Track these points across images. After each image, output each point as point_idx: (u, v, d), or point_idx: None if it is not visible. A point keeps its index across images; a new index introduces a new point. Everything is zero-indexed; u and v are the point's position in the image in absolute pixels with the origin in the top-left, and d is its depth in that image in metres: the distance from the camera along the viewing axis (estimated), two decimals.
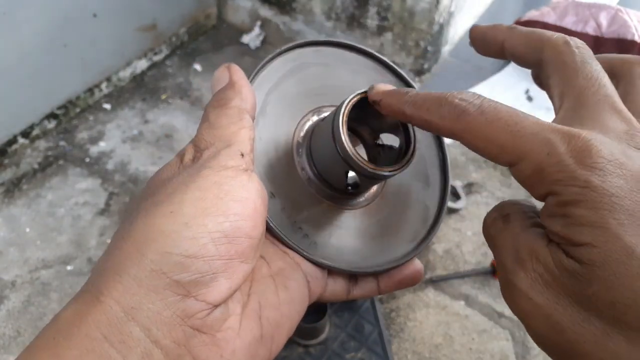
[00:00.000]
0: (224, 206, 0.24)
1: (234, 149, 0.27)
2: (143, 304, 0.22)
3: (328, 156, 0.31)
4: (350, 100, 0.30)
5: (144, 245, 0.23)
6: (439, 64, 1.48)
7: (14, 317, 0.94)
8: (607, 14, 1.35)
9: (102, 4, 1.25)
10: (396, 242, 0.34)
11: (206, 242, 0.23)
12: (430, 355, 0.95)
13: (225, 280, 0.24)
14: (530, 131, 0.22)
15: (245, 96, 0.29)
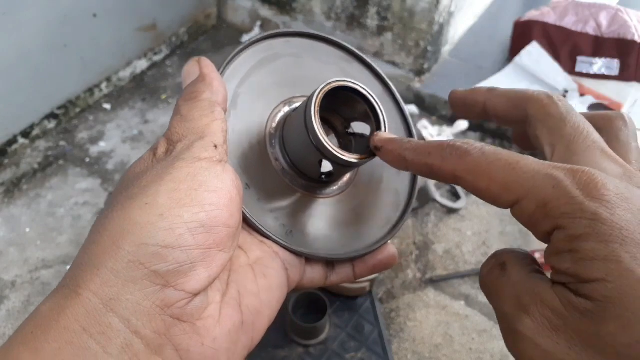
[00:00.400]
0: (199, 197, 0.25)
1: (207, 141, 0.27)
2: (121, 295, 0.22)
3: (301, 146, 0.31)
4: (321, 89, 0.30)
5: (120, 237, 0.23)
6: (439, 64, 1.48)
7: (14, 317, 0.94)
8: (607, 14, 1.35)
9: (102, 4, 1.25)
10: (370, 228, 0.35)
11: (183, 232, 0.24)
12: (430, 355, 0.95)
13: (203, 270, 0.24)
14: (532, 168, 0.22)
15: (216, 89, 0.30)
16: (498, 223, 1.16)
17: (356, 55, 0.38)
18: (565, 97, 1.39)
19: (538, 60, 1.42)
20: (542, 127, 0.26)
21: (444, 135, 1.34)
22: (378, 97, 0.34)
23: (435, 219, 1.16)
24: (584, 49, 1.36)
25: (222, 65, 0.32)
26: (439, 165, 0.25)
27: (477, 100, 0.29)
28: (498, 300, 0.24)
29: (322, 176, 0.33)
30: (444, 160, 0.25)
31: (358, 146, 0.34)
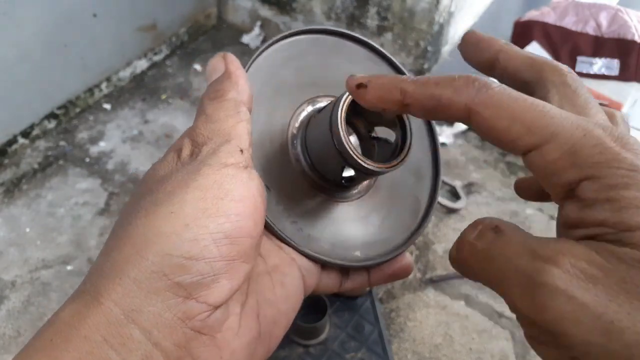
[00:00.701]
0: (224, 206, 0.24)
1: (233, 145, 0.26)
2: (143, 307, 0.22)
3: (324, 149, 0.30)
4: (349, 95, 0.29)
5: (143, 246, 0.22)
6: (439, 64, 1.48)
7: (14, 317, 0.94)
8: (607, 14, 1.35)
9: (102, 4, 1.25)
10: (388, 234, 0.34)
11: (207, 244, 0.23)
12: (430, 355, 0.95)
13: (226, 282, 0.24)
14: (561, 114, 0.21)
15: (242, 88, 0.28)
16: None
17: (384, 56, 0.37)
18: None
19: None
20: (556, 94, 0.24)
21: (443, 135, 1.34)
22: None
23: (435, 219, 1.16)
24: (584, 49, 1.36)
25: (248, 63, 0.31)
26: (449, 97, 0.23)
27: (491, 46, 0.28)
28: (504, 262, 0.21)
29: (343, 180, 0.32)
30: (457, 91, 0.23)
31: (381, 151, 0.33)
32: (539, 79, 0.25)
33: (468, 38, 0.29)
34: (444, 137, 1.34)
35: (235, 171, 0.25)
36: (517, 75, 0.26)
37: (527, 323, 0.20)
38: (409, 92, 0.25)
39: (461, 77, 0.23)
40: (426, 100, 0.24)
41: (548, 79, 0.25)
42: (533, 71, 0.26)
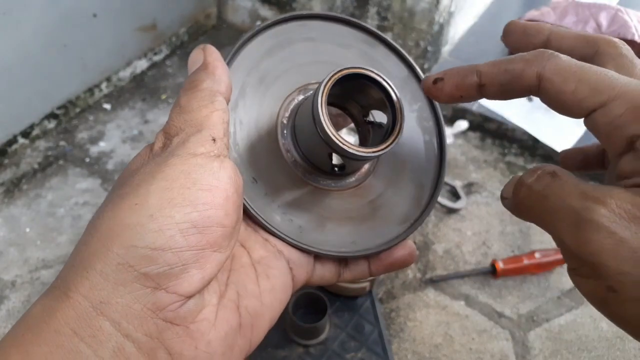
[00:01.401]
0: (191, 196, 0.23)
1: (205, 134, 0.26)
2: (112, 298, 0.22)
3: (311, 137, 0.29)
4: (330, 78, 0.28)
5: (109, 239, 0.22)
6: (439, 64, 1.48)
7: (14, 317, 0.93)
8: (607, 14, 1.35)
9: (102, 4, 1.25)
10: (387, 223, 0.32)
11: (173, 234, 0.23)
12: (430, 355, 0.95)
13: (196, 271, 0.23)
14: (621, 77, 0.23)
15: (219, 77, 0.28)
16: (498, 223, 1.16)
17: (380, 38, 0.35)
18: None
19: None
20: (614, 65, 0.26)
21: None
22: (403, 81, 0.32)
23: (435, 219, 1.16)
24: None
25: (229, 53, 0.31)
26: (522, 68, 0.25)
27: (540, 31, 0.29)
28: (557, 201, 0.23)
29: (335, 169, 0.31)
30: (529, 63, 0.25)
31: (376, 136, 0.32)
32: (595, 53, 0.27)
33: (512, 28, 0.31)
34: None
35: (204, 160, 0.25)
36: (574, 53, 0.27)
37: (571, 256, 0.22)
38: (484, 72, 0.27)
39: (531, 51, 0.25)
40: (501, 75, 0.26)
41: (605, 52, 0.27)
42: (588, 47, 0.27)
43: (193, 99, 0.27)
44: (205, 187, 0.24)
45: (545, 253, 1.06)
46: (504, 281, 1.06)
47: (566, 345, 0.97)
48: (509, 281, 1.06)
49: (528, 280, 1.06)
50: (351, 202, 0.32)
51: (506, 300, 1.03)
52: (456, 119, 1.37)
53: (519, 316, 1.01)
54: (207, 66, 0.29)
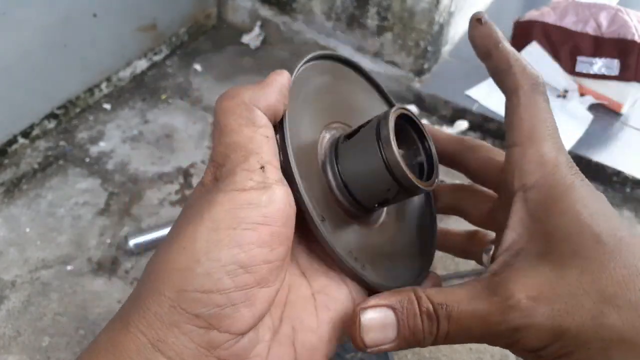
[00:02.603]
0: (237, 236, 0.23)
1: (252, 162, 0.25)
2: (168, 338, 0.23)
3: (368, 170, 0.29)
4: (394, 111, 0.30)
5: (161, 282, 0.23)
6: (439, 64, 1.48)
7: (14, 317, 0.93)
8: (607, 14, 1.35)
9: (102, 4, 1.25)
10: (406, 259, 0.34)
11: (221, 277, 0.23)
12: (430, 355, 0.94)
13: (246, 310, 0.24)
14: None
15: (264, 91, 0.26)
16: None
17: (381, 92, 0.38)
18: (565, 97, 1.39)
19: (538, 60, 1.42)
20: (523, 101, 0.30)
21: None
22: None
23: None
24: (584, 49, 1.36)
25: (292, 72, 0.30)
26: None
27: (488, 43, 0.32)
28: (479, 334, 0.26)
29: (376, 204, 0.32)
30: None
31: None
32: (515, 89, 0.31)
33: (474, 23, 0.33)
34: None
35: (252, 196, 0.24)
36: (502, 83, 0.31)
37: None
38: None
39: None
40: None
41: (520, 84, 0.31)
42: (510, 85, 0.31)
43: (231, 115, 0.26)
44: (250, 226, 0.24)
45: None
46: None
47: None
48: None
49: None
50: (378, 239, 0.33)
51: None
52: (456, 119, 1.38)
53: None
54: (260, 82, 0.27)
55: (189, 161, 1.23)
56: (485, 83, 1.43)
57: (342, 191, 0.31)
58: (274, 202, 0.25)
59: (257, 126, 0.26)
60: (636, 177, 1.24)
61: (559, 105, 1.37)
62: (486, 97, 1.38)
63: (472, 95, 1.39)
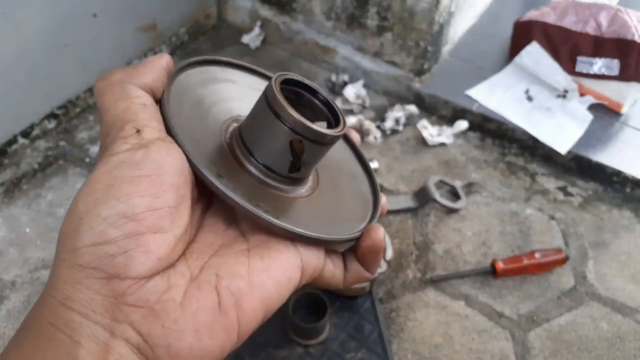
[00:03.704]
0: (114, 191, 0.25)
1: (128, 129, 0.27)
2: (74, 295, 0.24)
3: (269, 133, 0.30)
4: (278, 76, 0.30)
5: (58, 249, 0.25)
6: (439, 64, 1.48)
7: (14, 317, 0.93)
8: (607, 14, 1.35)
9: (102, 4, 1.25)
10: (349, 222, 0.34)
11: (104, 229, 0.24)
12: (430, 355, 0.94)
13: (142, 255, 0.25)
14: None
15: (138, 70, 0.29)
16: (498, 223, 1.16)
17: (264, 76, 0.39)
18: (566, 97, 1.39)
19: (538, 60, 1.42)
20: None
21: (444, 135, 1.34)
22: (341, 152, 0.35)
23: (435, 219, 1.16)
24: (584, 49, 1.36)
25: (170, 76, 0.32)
26: None
27: None
28: None
29: (292, 168, 0.32)
30: None
31: None
32: None
33: None
34: (444, 137, 1.34)
35: (125, 155, 0.26)
36: None
37: None
38: None
39: None
40: None
41: None
42: None
43: (105, 94, 0.28)
44: (126, 179, 0.25)
45: (545, 253, 1.06)
46: (504, 281, 1.06)
47: (566, 345, 0.97)
48: (509, 281, 1.06)
49: (528, 280, 1.06)
50: (312, 206, 0.33)
51: (506, 300, 1.03)
52: (456, 119, 1.38)
53: (519, 316, 1.01)
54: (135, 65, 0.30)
55: None
56: (485, 83, 1.43)
57: (256, 165, 0.31)
58: (149, 155, 0.26)
59: (131, 97, 0.28)
60: (636, 177, 1.24)
61: (559, 105, 1.37)
62: (486, 97, 1.38)
63: (472, 95, 1.39)
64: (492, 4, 1.71)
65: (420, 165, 1.28)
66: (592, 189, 1.27)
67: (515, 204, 1.21)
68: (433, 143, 1.32)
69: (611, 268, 1.10)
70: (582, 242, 1.15)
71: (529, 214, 1.19)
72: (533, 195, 1.24)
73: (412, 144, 1.34)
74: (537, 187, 1.26)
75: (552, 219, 1.18)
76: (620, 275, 1.09)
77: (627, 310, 1.03)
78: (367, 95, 1.43)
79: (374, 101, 1.44)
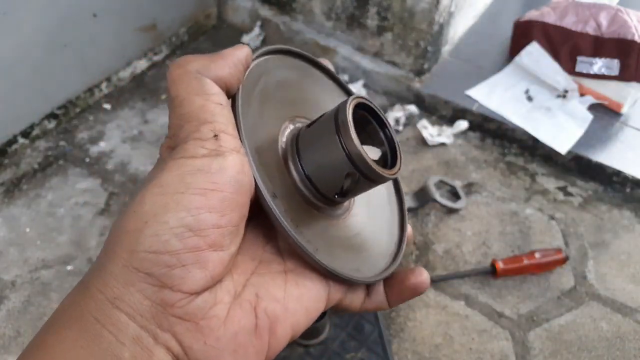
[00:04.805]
0: (185, 200, 0.24)
1: (205, 131, 0.26)
2: (124, 295, 0.24)
3: (328, 155, 0.29)
4: (353, 99, 0.29)
5: (114, 244, 0.24)
6: (439, 64, 1.48)
7: (14, 317, 0.93)
8: (607, 14, 1.35)
9: (102, 4, 1.25)
10: (376, 253, 0.34)
11: (168, 238, 0.24)
12: (430, 355, 0.94)
13: (198, 271, 0.24)
14: None
15: (214, 60, 0.27)
16: (498, 223, 1.16)
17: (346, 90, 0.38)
18: (566, 97, 1.39)
19: (538, 60, 1.42)
20: None
21: (444, 135, 1.34)
22: None
23: (435, 219, 1.16)
24: (584, 49, 1.36)
25: None
26: None
27: None
28: None
29: (336, 194, 0.31)
30: None
31: None
32: None
33: None
34: (444, 137, 1.34)
35: (202, 162, 0.25)
36: None
37: None
38: None
39: None
40: None
41: None
42: None
43: (180, 85, 0.27)
44: (198, 191, 0.24)
45: (545, 253, 1.06)
46: (504, 281, 1.06)
47: (566, 345, 0.97)
48: (509, 281, 1.06)
49: (528, 280, 1.06)
50: (345, 232, 0.33)
51: (506, 300, 1.03)
52: (456, 119, 1.37)
53: (519, 316, 1.01)
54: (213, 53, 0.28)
55: None
56: (485, 83, 1.43)
57: (303, 179, 0.31)
58: (225, 169, 0.25)
59: (208, 94, 0.26)
60: (636, 177, 1.24)
61: (559, 105, 1.37)
62: (486, 97, 1.38)
63: (472, 95, 1.39)
64: (492, 4, 1.71)
65: (420, 165, 1.28)
66: (592, 189, 1.27)
67: (515, 204, 1.21)
68: (433, 143, 1.32)
69: (611, 268, 1.10)
70: (582, 242, 1.15)
71: (529, 214, 1.19)
72: (533, 195, 1.24)
73: (412, 144, 1.34)
74: (537, 187, 1.26)
75: (552, 219, 1.18)
76: (620, 275, 1.09)
77: (627, 310, 1.03)
78: (367, 95, 1.43)
79: (374, 101, 1.44)
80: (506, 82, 1.43)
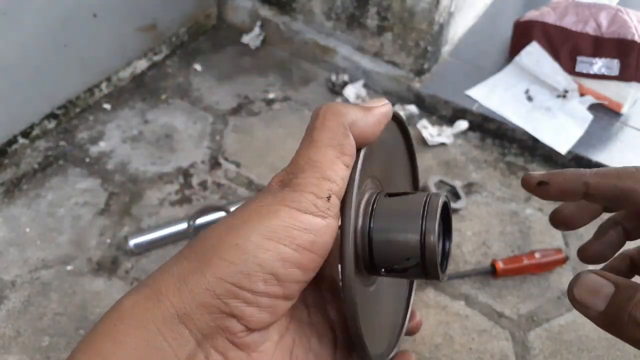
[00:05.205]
0: (283, 252, 0.26)
1: (323, 188, 0.26)
2: (194, 314, 0.25)
3: (401, 234, 0.30)
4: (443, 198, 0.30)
5: (205, 264, 0.25)
6: (439, 64, 1.48)
7: (14, 317, 0.93)
8: (607, 14, 1.35)
9: (102, 4, 1.25)
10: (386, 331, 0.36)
11: (257, 281, 0.25)
12: (430, 355, 0.95)
13: (267, 314, 0.26)
14: None
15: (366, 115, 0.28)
16: (498, 223, 1.16)
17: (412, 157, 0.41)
18: (565, 97, 1.39)
19: (538, 60, 1.42)
20: None
21: (444, 135, 1.34)
22: None
23: None
24: (584, 49, 1.36)
25: None
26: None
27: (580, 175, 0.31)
28: None
29: (384, 269, 0.32)
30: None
31: None
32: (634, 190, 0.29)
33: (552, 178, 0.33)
34: (444, 137, 1.34)
35: (310, 221, 0.26)
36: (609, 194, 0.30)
37: None
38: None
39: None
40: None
41: None
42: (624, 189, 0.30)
43: (326, 133, 0.27)
44: (297, 248, 0.26)
45: (545, 253, 1.06)
46: (504, 281, 1.06)
47: (566, 345, 0.97)
48: (509, 281, 1.06)
49: (528, 280, 1.06)
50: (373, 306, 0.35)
51: (506, 300, 1.03)
52: (456, 119, 1.38)
53: (519, 316, 1.01)
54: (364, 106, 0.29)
55: (189, 161, 1.23)
56: (485, 83, 1.43)
57: (364, 244, 0.31)
58: (324, 235, 0.27)
59: (343, 154, 0.27)
60: None
61: (558, 105, 1.37)
62: (486, 97, 1.38)
63: (472, 95, 1.39)
64: (492, 4, 1.71)
65: (420, 165, 1.28)
66: None
67: (515, 204, 1.21)
68: (433, 143, 1.32)
69: None
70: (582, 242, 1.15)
71: (529, 214, 1.19)
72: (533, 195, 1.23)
73: None
74: None
75: None
76: None
77: None
78: (367, 95, 1.44)
79: None
80: (506, 82, 1.43)
